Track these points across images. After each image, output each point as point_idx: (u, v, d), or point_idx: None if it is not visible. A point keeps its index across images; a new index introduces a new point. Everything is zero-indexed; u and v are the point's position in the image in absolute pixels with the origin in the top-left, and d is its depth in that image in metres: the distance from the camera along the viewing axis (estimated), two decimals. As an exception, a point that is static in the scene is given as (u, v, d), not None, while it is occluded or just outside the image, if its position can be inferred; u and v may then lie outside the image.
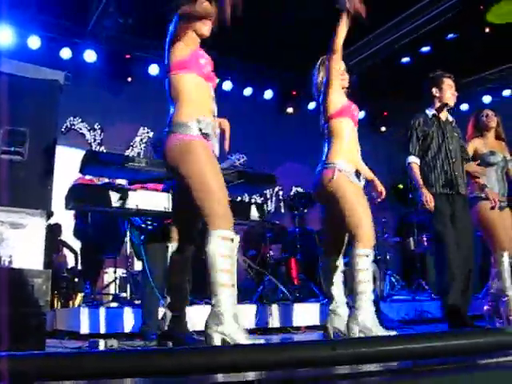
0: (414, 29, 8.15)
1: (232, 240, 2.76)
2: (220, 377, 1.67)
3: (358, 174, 3.56)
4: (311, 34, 7.68)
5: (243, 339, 2.63)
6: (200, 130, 2.89)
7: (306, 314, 5.40)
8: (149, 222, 4.12)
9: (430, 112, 4.48)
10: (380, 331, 3.31)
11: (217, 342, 2.65)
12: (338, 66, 3.67)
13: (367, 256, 3.38)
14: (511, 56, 8.17)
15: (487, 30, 7.83)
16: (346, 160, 3.55)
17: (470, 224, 4.41)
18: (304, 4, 7.21)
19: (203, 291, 5.72)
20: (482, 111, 4.90)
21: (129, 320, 4.61)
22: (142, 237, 4.16)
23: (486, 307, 4.61)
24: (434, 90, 4.49)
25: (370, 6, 3.47)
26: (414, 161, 4.38)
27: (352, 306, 3.44)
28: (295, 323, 5.29)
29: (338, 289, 3.70)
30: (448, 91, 4.48)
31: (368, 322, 3.33)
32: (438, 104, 4.48)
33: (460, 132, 4.61)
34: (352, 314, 3.40)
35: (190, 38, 3.05)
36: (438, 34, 8.23)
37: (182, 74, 2.98)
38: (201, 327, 2.77)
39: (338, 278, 3.72)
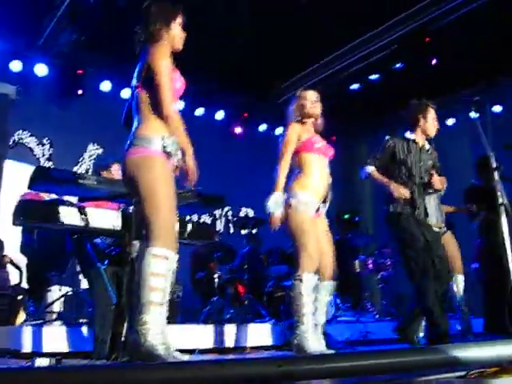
0: (362, 57, 8.40)
1: (166, 258, 2.75)
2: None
3: None
4: (264, 57, 7.83)
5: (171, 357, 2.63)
6: (164, 147, 2.89)
7: (252, 334, 5.40)
8: (112, 247, 4.12)
9: (410, 136, 4.61)
10: None
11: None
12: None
13: None
14: (455, 86, 8.49)
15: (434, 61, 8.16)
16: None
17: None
18: (257, 27, 7.34)
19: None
20: None
21: (73, 339, 4.53)
22: (106, 262, 4.13)
23: None
24: (420, 119, 4.61)
25: (322, 32, 3.63)
26: (373, 170, 4.53)
27: None
28: (241, 344, 5.29)
29: None
30: (432, 123, 4.63)
31: None
32: (419, 131, 4.61)
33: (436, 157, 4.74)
34: None
35: None
36: (386, 64, 8.52)
37: None
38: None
39: None
